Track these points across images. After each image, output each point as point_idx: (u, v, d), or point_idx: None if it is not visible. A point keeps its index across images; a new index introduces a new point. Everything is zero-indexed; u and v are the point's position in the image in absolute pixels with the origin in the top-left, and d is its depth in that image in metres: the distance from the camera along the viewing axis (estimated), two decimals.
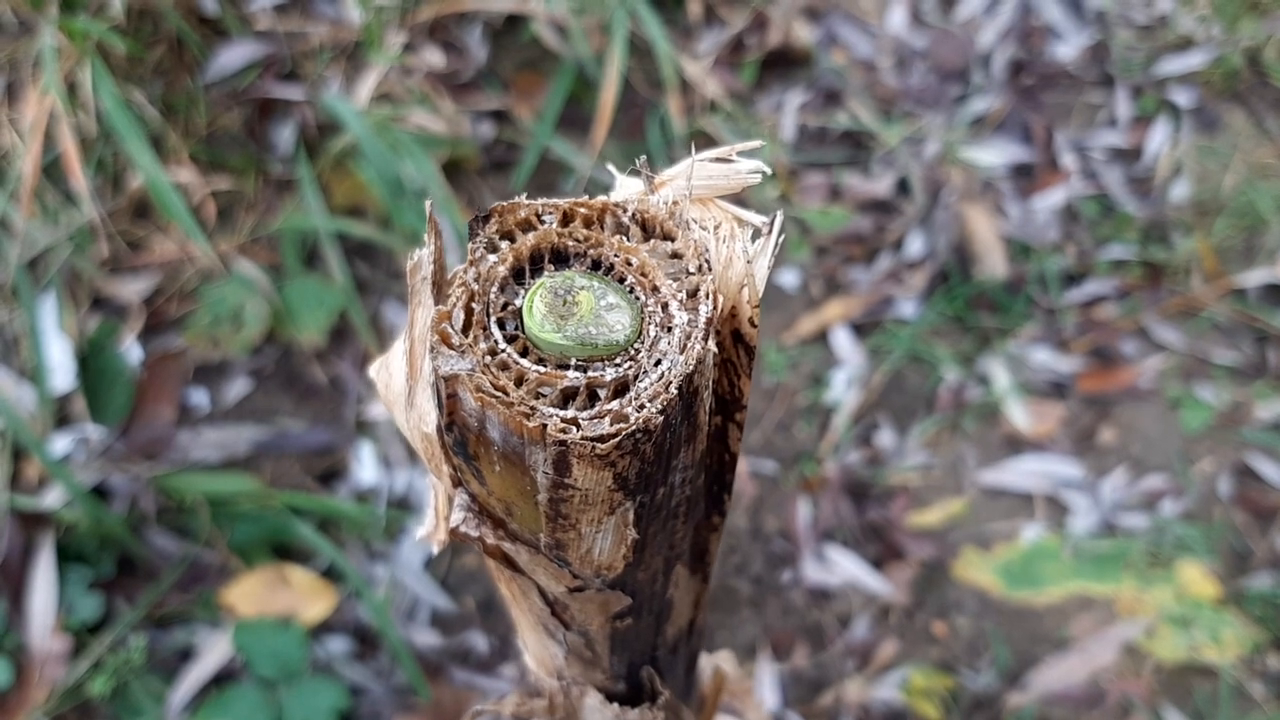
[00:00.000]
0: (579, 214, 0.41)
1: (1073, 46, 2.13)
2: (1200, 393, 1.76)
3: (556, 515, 0.41)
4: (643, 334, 0.39)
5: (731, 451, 0.46)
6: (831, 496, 1.67)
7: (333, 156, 1.82)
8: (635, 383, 0.38)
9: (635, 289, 0.40)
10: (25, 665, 1.46)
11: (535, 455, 0.38)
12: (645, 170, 0.43)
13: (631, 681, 0.56)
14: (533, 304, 0.38)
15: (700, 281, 0.40)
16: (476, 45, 1.97)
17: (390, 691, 1.51)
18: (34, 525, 1.51)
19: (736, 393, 0.44)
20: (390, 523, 1.61)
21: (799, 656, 1.57)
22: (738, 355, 0.43)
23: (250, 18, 1.89)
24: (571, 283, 0.39)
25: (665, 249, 0.41)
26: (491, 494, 0.42)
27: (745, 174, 0.43)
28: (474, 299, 0.39)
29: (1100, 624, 1.58)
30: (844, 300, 1.83)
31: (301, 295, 1.73)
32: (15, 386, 1.61)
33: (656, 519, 0.43)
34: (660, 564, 0.48)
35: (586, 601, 0.47)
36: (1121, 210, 1.93)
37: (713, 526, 0.50)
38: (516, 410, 0.37)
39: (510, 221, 0.41)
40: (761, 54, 2.05)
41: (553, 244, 0.41)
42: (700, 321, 0.39)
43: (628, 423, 0.37)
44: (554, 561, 0.44)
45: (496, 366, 0.38)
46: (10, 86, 1.73)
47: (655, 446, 0.39)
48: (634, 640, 0.52)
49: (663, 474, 0.41)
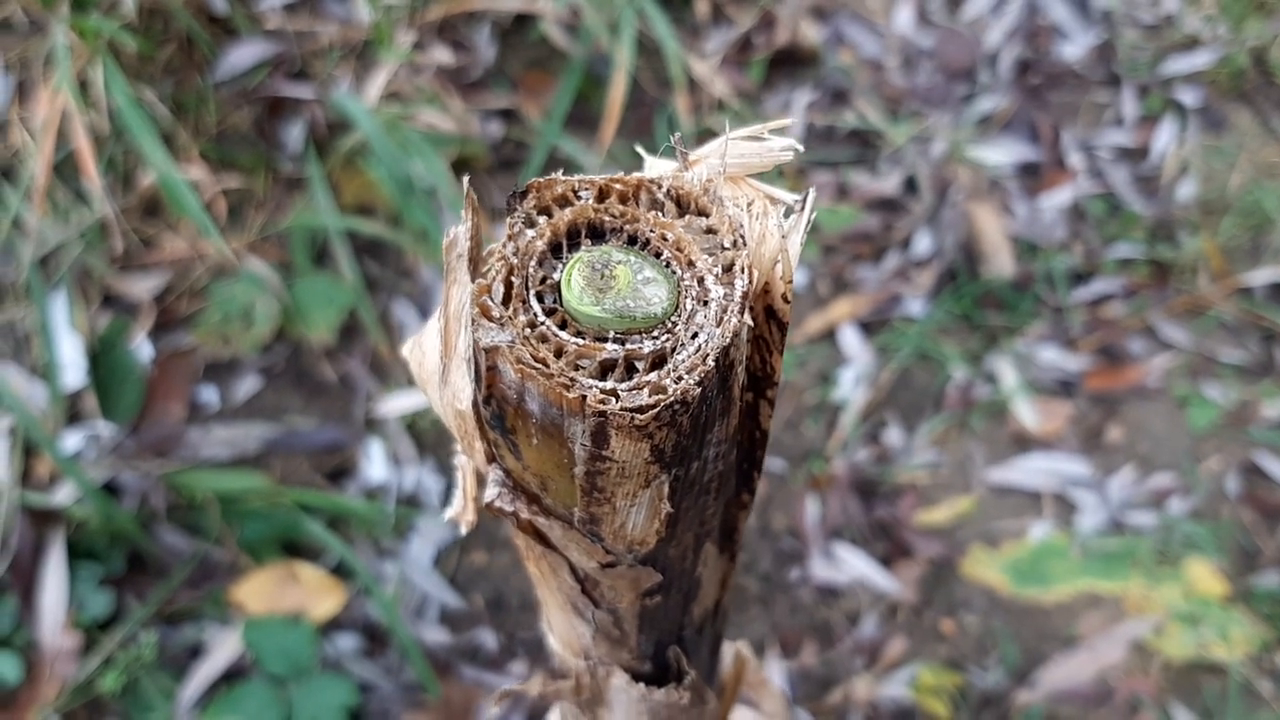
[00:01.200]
0: (614, 190, 0.42)
1: (1079, 46, 2.13)
2: (1207, 391, 1.76)
3: (592, 489, 0.41)
4: (679, 307, 0.39)
5: (763, 428, 0.47)
6: (840, 494, 1.67)
7: (342, 155, 1.82)
8: (672, 355, 0.38)
9: (671, 263, 0.40)
10: (36, 662, 1.46)
11: (574, 427, 0.38)
12: (680, 147, 0.43)
13: (658, 661, 0.56)
14: (571, 277, 0.39)
15: (735, 256, 0.40)
16: (485, 44, 1.97)
17: (399, 688, 1.51)
18: (45, 522, 1.52)
19: (769, 369, 0.45)
20: (399, 520, 1.61)
21: (807, 654, 1.57)
22: (770, 331, 0.43)
23: (260, 17, 1.90)
24: (609, 257, 0.39)
25: (700, 224, 0.41)
26: (527, 469, 0.43)
27: (778, 151, 0.43)
28: (513, 273, 0.39)
29: (1108, 622, 1.59)
30: (852, 299, 1.83)
31: (311, 293, 1.73)
32: (27, 383, 1.61)
33: (690, 493, 0.44)
34: (691, 540, 0.48)
35: (618, 578, 0.47)
36: (1128, 209, 1.94)
37: (742, 504, 0.50)
38: (556, 382, 0.37)
39: (547, 197, 0.41)
40: (769, 53, 2.05)
41: (589, 219, 0.41)
42: (736, 295, 0.39)
43: (666, 394, 0.37)
44: (587, 536, 0.45)
45: (536, 339, 0.38)
46: (22, 85, 1.74)
47: (692, 419, 0.39)
48: (662, 619, 0.52)
49: (698, 447, 0.41)
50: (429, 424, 1.69)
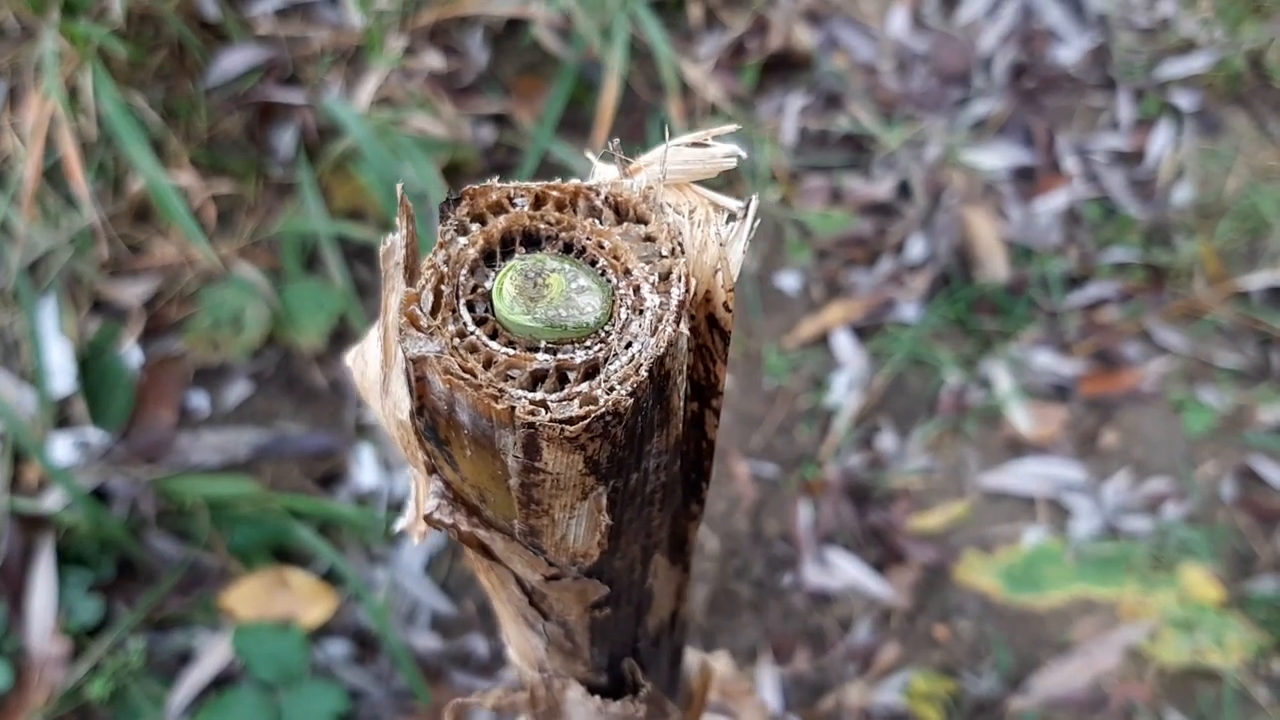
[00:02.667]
0: (551, 197, 0.41)
1: (1074, 50, 2.12)
2: (1203, 396, 1.75)
3: (529, 500, 0.41)
4: (614, 316, 0.39)
5: (709, 439, 0.46)
6: (833, 500, 1.66)
7: (333, 160, 1.82)
8: (605, 365, 0.38)
9: (607, 272, 0.40)
10: (25, 668, 1.46)
11: (505, 439, 0.38)
12: (619, 154, 0.43)
13: (613, 674, 0.56)
14: (502, 286, 0.38)
15: (673, 265, 0.40)
16: (477, 49, 1.97)
17: (390, 695, 1.50)
18: (34, 528, 1.52)
19: (712, 378, 0.44)
20: (390, 526, 1.61)
21: (800, 660, 1.56)
22: (713, 341, 0.43)
23: (251, 22, 1.90)
24: (542, 265, 0.39)
25: (638, 232, 0.41)
26: (465, 480, 0.42)
27: (721, 158, 0.43)
28: (443, 281, 0.39)
29: (1103, 628, 1.57)
30: (845, 303, 1.83)
31: (301, 298, 1.73)
32: (16, 389, 1.61)
33: (631, 505, 0.43)
34: (638, 552, 0.47)
35: (563, 590, 0.46)
36: (1124, 213, 1.93)
37: (691, 515, 0.50)
38: (484, 392, 0.37)
39: (481, 204, 0.40)
40: (762, 57, 2.05)
41: (524, 227, 0.40)
42: (672, 304, 0.38)
43: (597, 405, 0.37)
44: (529, 549, 0.44)
45: (465, 349, 0.38)
46: (12, 91, 1.74)
47: (626, 430, 0.38)
48: (614, 631, 0.52)
49: (635, 459, 0.41)
50: None
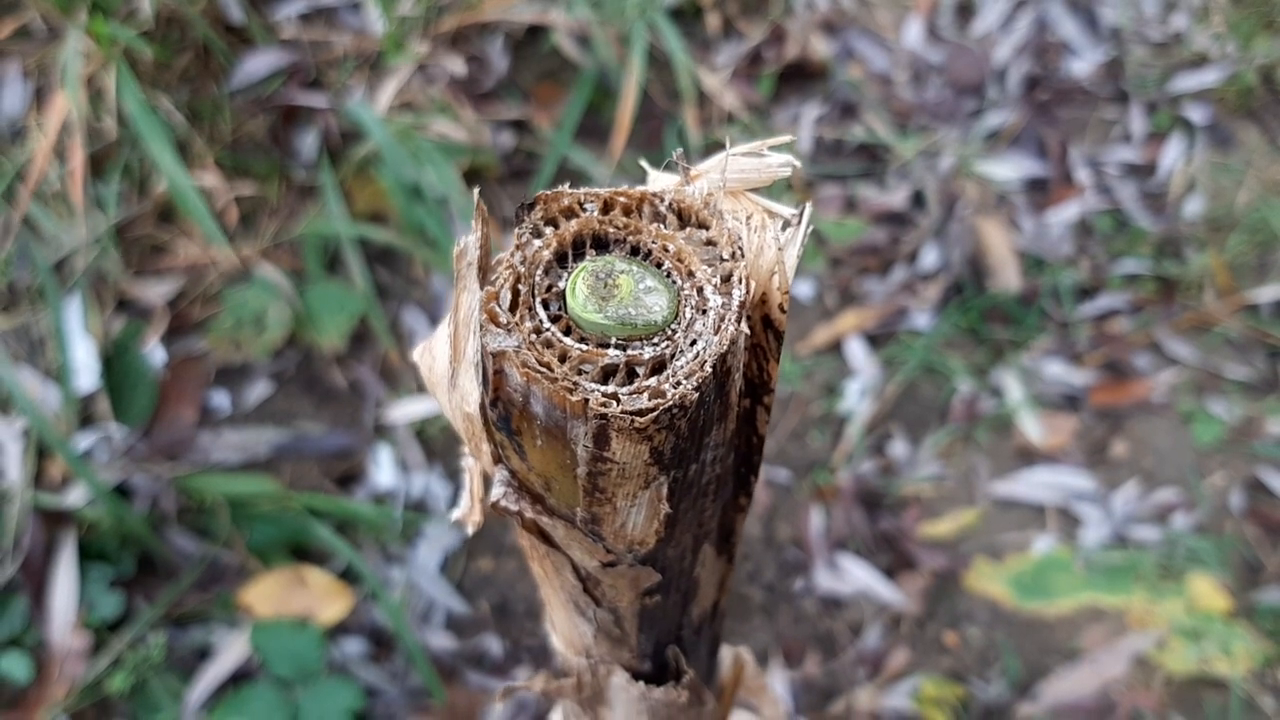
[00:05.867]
0: (618, 203, 0.43)
1: (1088, 62, 2.15)
2: (1212, 407, 1.77)
3: (594, 489, 0.43)
4: (679, 316, 0.41)
5: (759, 434, 0.48)
6: (844, 506, 1.68)
7: (355, 163, 1.85)
8: (672, 361, 0.40)
9: (671, 273, 0.42)
10: (46, 661, 1.48)
11: (576, 429, 0.40)
12: (681, 162, 0.45)
13: (657, 661, 0.58)
14: (575, 286, 0.40)
15: (733, 267, 0.42)
16: (497, 55, 2.00)
17: (405, 693, 1.52)
18: (57, 523, 1.54)
19: (765, 376, 0.46)
20: (407, 526, 1.63)
21: (810, 664, 1.58)
22: (767, 340, 0.45)
23: (275, 26, 1.92)
24: (612, 266, 0.41)
25: (700, 236, 0.43)
26: (531, 469, 0.44)
27: (776, 167, 0.45)
28: (520, 281, 0.41)
29: (1111, 636, 1.59)
30: (858, 311, 1.85)
31: (323, 300, 1.75)
32: (41, 386, 1.63)
33: (688, 495, 0.45)
34: (689, 541, 0.49)
35: (618, 577, 0.49)
36: (1135, 225, 1.95)
37: (739, 507, 0.52)
38: (560, 385, 0.39)
39: (554, 209, 0.43)
40: (779, 67, 2.07)
41: (594, 230, 0.43)
42: (734, 304, 0.41)
43: (665, 398, 0.39)
44: (589, 536, 0.46)
45: (541, 344, 0.40)
46: (38, 91, 1.76)
47: (689, 422, 0.40)
48: (661, 618, 0.54)
49: (695, 450, 0.43)
50: (437, 430, 1.70)
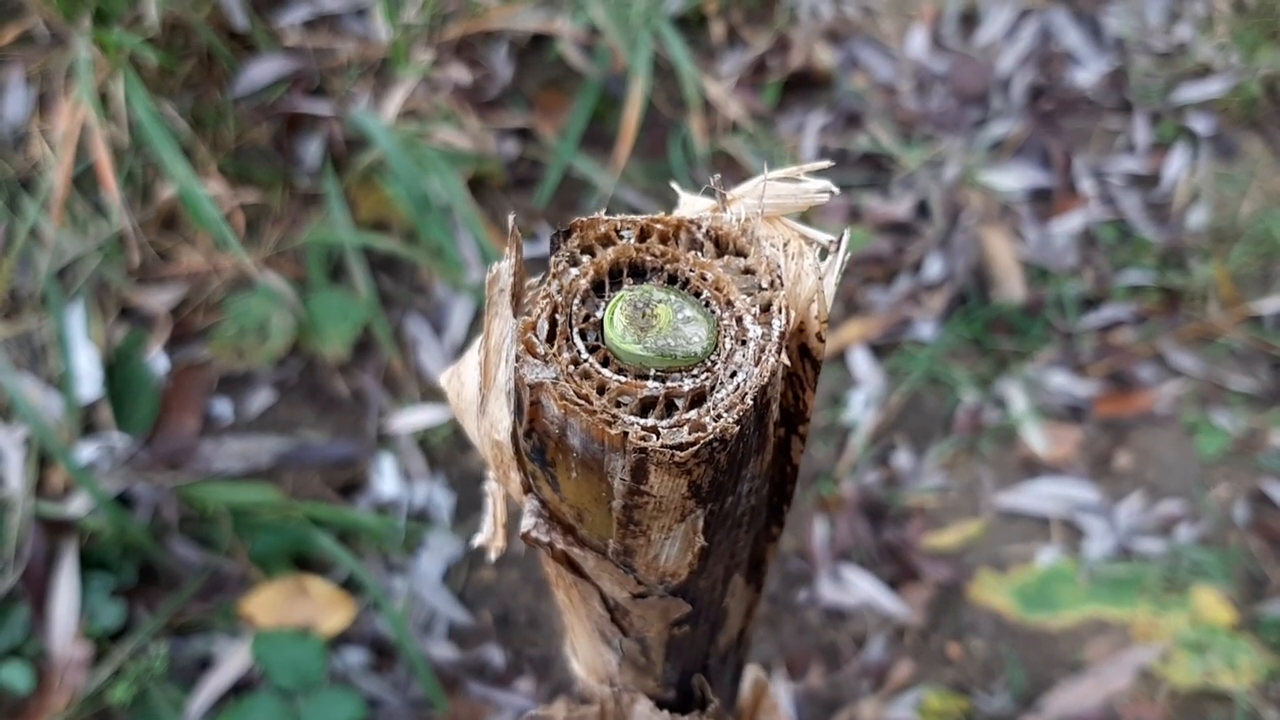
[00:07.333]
0: (655, 230, 0.43)
1: (1092, 72, 2.15)
2: (1217, 419, 1.77)
3: (629, 521, 0.42)
4: (719, 346, 0.40)
5: (794, 463, 0.48)
6: (848, 517, 1.67)
7: (359, 171, 1.84)
8: (712, 393, 0.39)
9: (710, 303, 0.41)
10: (47, 671, 1.47)
11: (614, 462, 0.39)
12: (719, 188, 0.44)
13: (682, 689, 0.57)
14: (613, 316, 0.40)
15: (773, 296, 0.41)
16: (502, 64, 1.99)
17: (407, 704, 1.51)
18: (58, 532, 1.53)
19: (801, 405, 0.45)
20: (409, 535, 1.62)
21: (814, 676, 1.57)
22: (804, 369, 0.44)
23: (280, 33, 1.91)
24: (650, 296, 0.40)
25: (738, 265, 0.42)
26: (564, 500, 0.43)
27: (813, 193, 0.44)
28: (557, 310, 0.40)
29: (1115, 648, 1.59)
30: (862, 321, 1.84)
31: (326, 308, 1.74)
32: (43, 394, 1.62)
33: (723, 527, 0.45)
34: (721, 572, 0.49)
35: (648, 608, 0.48)
36: (1139, 236, 1.95)
37: (771, 536, 0.51)
38: (599, 418, 0.38)
39: (590, 236, 0.42)
40: (783, 76, 2.07)
41: (630, 258, 0.42)
42: (774, 335, 0.40)
43: (705, 432, 0.38)
44: (620, 568, 0.45)
45: (579, 375, 0.39)
46: (43, 97, 1.75)
47: (729, 455, 0.40)
48: (689, 648, 0.53)
49: (733, 483, 0.42)
50: (441, 440, 1.70)
